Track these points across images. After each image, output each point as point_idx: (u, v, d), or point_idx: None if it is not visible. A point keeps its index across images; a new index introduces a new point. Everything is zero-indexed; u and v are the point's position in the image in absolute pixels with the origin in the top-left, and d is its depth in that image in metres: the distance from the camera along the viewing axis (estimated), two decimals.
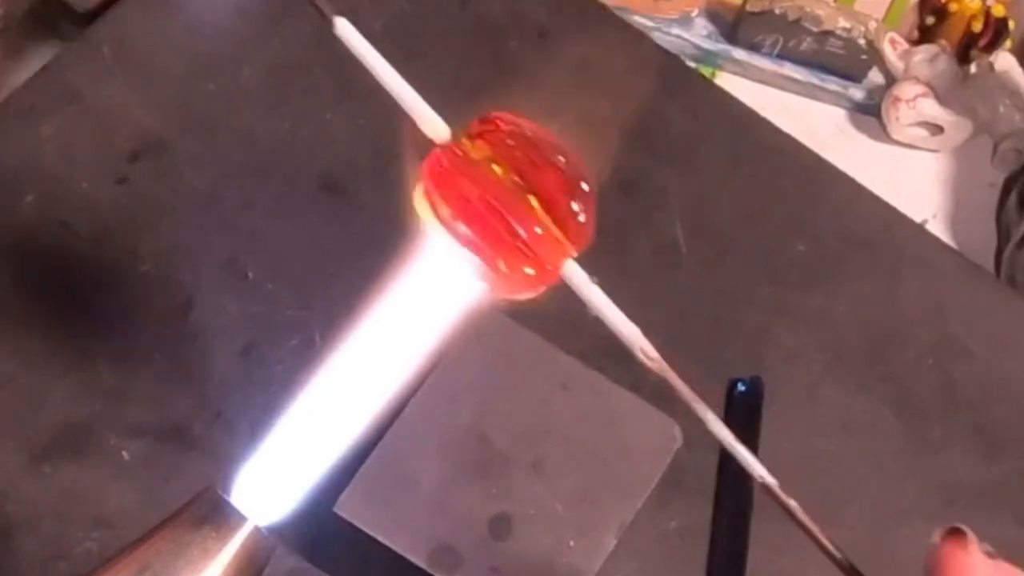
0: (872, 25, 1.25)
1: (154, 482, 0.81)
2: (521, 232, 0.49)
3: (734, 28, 1.26)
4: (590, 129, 0.57)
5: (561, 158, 0.50)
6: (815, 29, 1.24)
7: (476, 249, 0.50)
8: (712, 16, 1.29)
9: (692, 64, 1.17)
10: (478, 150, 0.50)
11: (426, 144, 0.50)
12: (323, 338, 0.86)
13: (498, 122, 0.50)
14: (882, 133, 1.23)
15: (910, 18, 1.32)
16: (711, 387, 0.90)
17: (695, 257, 0.96)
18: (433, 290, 0.53)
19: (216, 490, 0.52)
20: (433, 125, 0.50)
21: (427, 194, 0.50)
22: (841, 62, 1.25)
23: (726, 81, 1.22)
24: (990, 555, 0.54)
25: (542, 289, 0.51)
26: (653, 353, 0.50)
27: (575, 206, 0.50)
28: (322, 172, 0.94)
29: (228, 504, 0.52)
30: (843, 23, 1.24)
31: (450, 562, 0.75)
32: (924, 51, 1.27)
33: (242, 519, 0.52)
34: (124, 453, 0.82)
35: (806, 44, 1.25)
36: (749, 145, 1.04)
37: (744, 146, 1.03)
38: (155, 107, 0.94)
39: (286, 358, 0.86)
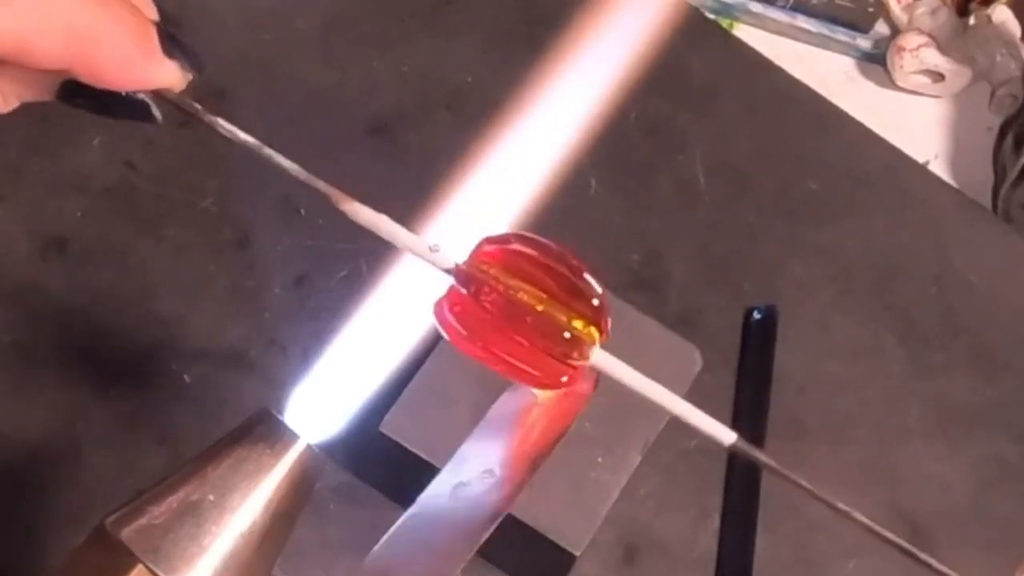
0: None
1: (213, 404, 0.81)
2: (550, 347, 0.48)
3: None
4: (617, 75, 0.56)
5: (557, 255, 0.49)
6: None
7: (507, 371, 0.49)
8: None
9: (711, 16, 1.15)
10: (484, 272, 0.49)
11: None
12: (369, 269, 0.85)
13: (488, 246, 0.49)
14: (887, 80, 1.22)
15: None
16: (730, 314, 0.90)
17: (714, 195, 0.96)
18: (470, 224, 0.52)
19: (270, 411, 0.52)
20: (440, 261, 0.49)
21: (448, 326, 0.49)
22: (849, 14, 1.24)
23: (743, 32, 1.21)
24: None
25: (576, 382, 0.50)
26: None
27: (591, 293, 0.49)
28: (369, 116, 0.94)
29: (282, 424, 0.52)
30: None
31: None
32: (926, 4, 1.26)
33: (295, 437, 0.51)
34: (185, 377, 0.82)
35: None
36: (764, 91, 1.03)
37: (759, 92, 1.03)
38: (215, 56, 0.93)
39: (335, 288, 0.86)
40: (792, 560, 0.84)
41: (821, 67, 1.20)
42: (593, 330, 0.49)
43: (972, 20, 1.26)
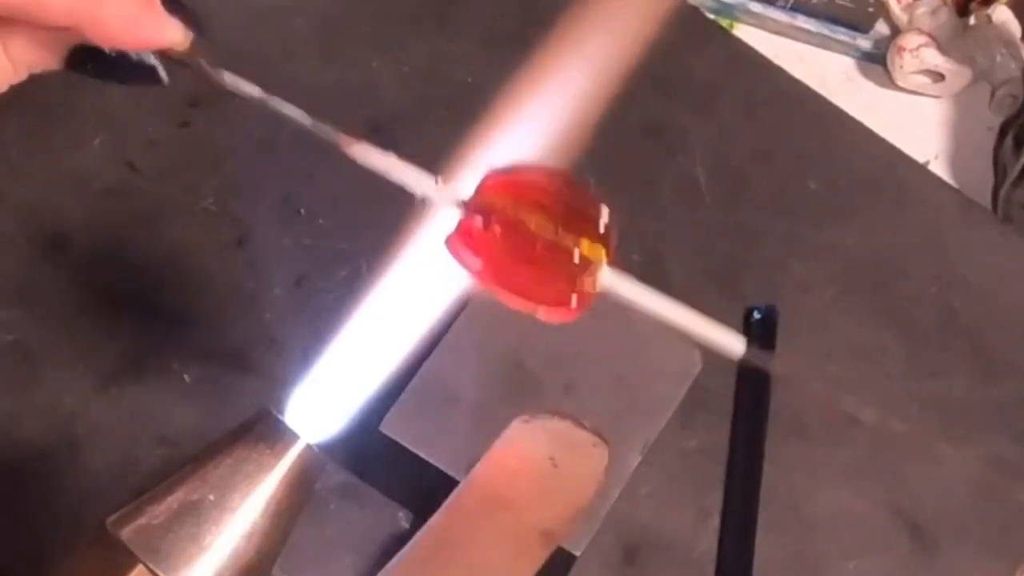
0: None
1: (213, 403, 0.81)
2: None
3: None
4: (618, 74, 0.56)
5: (561, 181, 0.50)
6: None
7: (519, 297, 0.50)
8: None
9: (711, 16, 1.15)
10: (492, 203, 0.49)
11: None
12: (369, 269, 0.85)
13: (494, 177, 0.50)
14: (888, 80, 1.21)
15: None
16: (730, 314, 0.90)
17: (714, 195, 0.96)
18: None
19: (271, 410, 0.52)
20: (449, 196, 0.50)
21: (462, 258, 0.50)
22: (849, 14, 1.24)
23: (743, 32, 1.20)
24: None
25: (587, 307, 0.50)
26: None
27: (598, 217, 0.50)
28: (368, 116, 0.93)
29: (282, 423, 0.52)
30: None
31: None
32: (926, 4, 1.25)
33: (295, 437, 0.51)
34: (186, 376, 0.82)
35: None
36: (764, 91, 1.03)
37: (760, 92, 1.03)
38: (213, 56, 0.94)
39: (335, 288, 0.86)
40: (792, 560, 0.83)
41: (821, 67, 1.20)
42: (600, 252, 0.50)
43: (972, 20, 1.26)
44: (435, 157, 0.54)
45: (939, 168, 1.14)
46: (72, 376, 0.81)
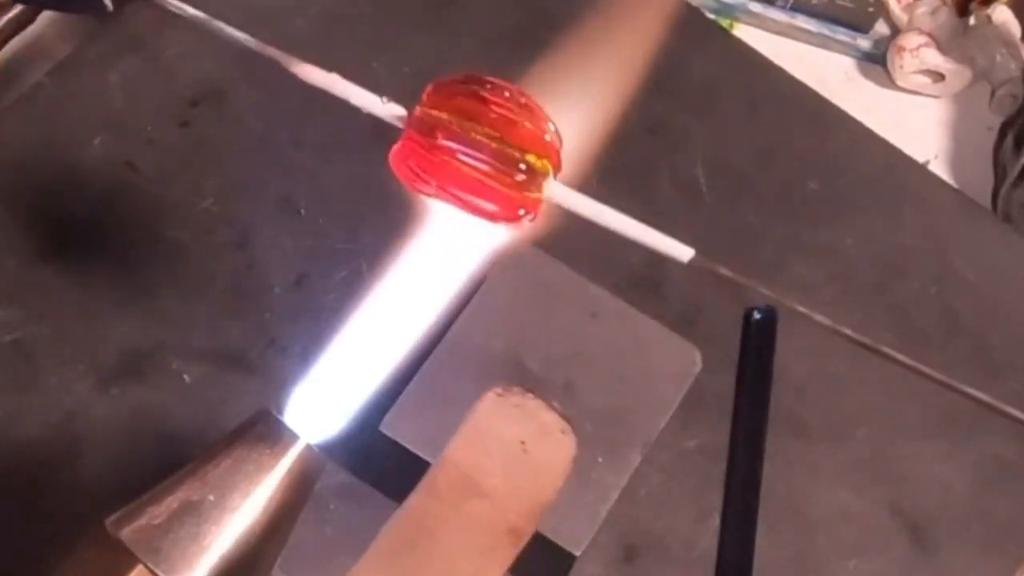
0: None
1: (213, 403, 0.81)
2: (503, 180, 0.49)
3: None
4: (618, 74, 0.56)
5: (506, 94, 0.50)
6: None
7: (467, 209, 0.50)
8: None
9: (711, 16, 1.15)
10: (436, 116, 0.50)
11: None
12: (370, 269, 0.85)
13: (438, 86, 0.50)
14: (887, 80, 1.21)
15: None
16: (730, 314, 0.90)
17: (714, 195, 0.96)
18: (469, 227, 0.52)
19: (270, 411, 0.52)
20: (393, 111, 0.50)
21: (405, 172, 0.50)
22: (849, 14, 1.24)
23: (743, 32, 1.21)
24: None
25: (535, 214, 0.51)
26: None
27: (543, 129, 0.50)
28: (369, 117, 0.93)
29: (282, 424, 0.52)
30: None
31: None
32: (926, 4, 1.25)
33: (295, 437, 0.52)
34: (185, 376, 0.82)
35: None
36: (764, 91, 1.03)
37: (760, 92, 1.03)
38: (214, 56, 0.94)
39: (335, 288, 0.86)
40: (792, 560, 0.84)
41: (821, 67, 1.20)
42: (546, 163, 0.50)
43: (972, 20, 1.26)
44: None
45: (939, 168, 1.14)
46: (72, 376, 0.81)
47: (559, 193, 0.50)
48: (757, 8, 1.23)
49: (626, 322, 0.80)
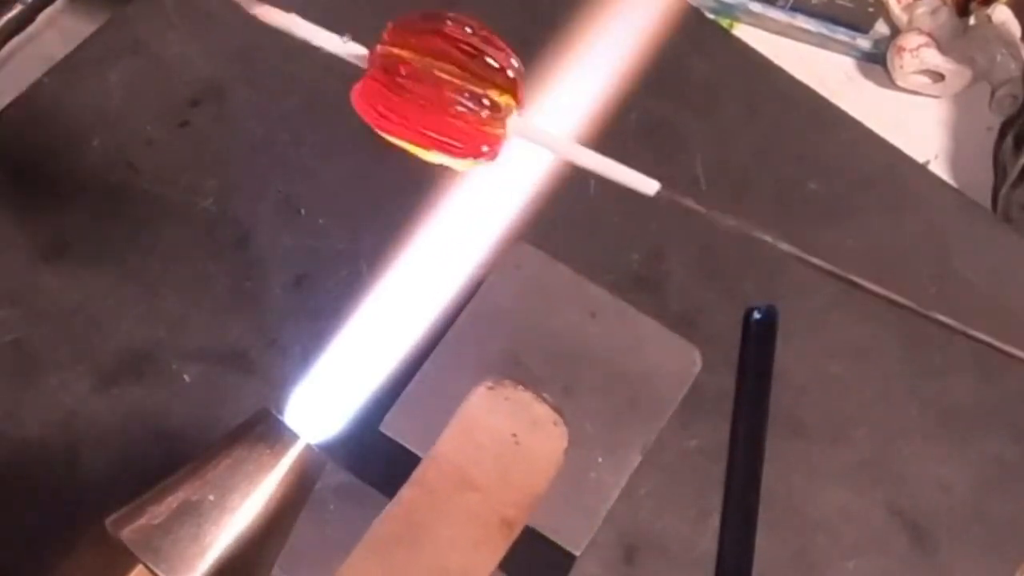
0: None
1: (213, 403, 0.81)
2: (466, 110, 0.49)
3: None
4: (618, 74, 0.56)
5: (467, 29, 0.50)
6: None
7: (429, 145, 0.49)
8: None
9: (711, 16, 1.15)
10: (396, 54, 0.49)
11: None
12: (370, 269, 0.85)
13: (400, 27, 0.50)
14: (887, 80, 1.21)
15: None
16: (730, 314, 0.90)
17: (714, 195, 0.95)
18: (470, 225, 0.52)
19: (270, 410, 0.52)
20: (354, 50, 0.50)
21: (368, 111, 0.50)
22: (849, 14, 1.24)
23: (743, 32, 1.21)
24: None
25: (497, 152, 0.50)
26: None
27: (505, 64, 0.50)
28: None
29: (281, 423, 0.52)
30: None
31: None
32: (926, 4, 1.25)
33: (294, 437, 0.52)
34: (185, 376, 0.82)
35: None
36: (764, 91, 1.03)
37: (760, 92, 1.03)
38: (214, 56, 0.94)
39: (335, 288, 0.86)
40: (792, 560, 0.83)
41: (821, 67, 1.20)
42: (509, 99, 0.50)
43: (972, 20, 1.26)
44: (429, 166, 0.54)
45: (939, 168, 1.14)
46: (72, 376, 0.81)
47: (522, 127, 0.50)
48: (757, 8, 1.23)
49: (626, 322, 0.80)
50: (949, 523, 0.86)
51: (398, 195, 0.59)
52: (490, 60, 0.49)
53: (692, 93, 1.01)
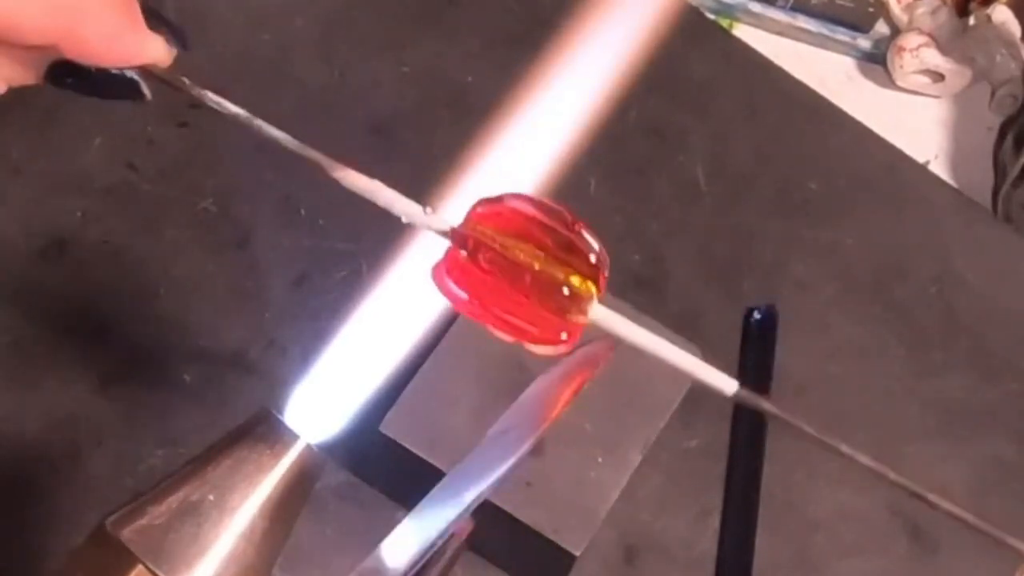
0: None
1: (213, 404, 0.81)
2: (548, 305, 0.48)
3: None
4: (618, 74, 0.56)
5: (553, 213, 0.49)
6: None
7: (507, 330, 0.48)
8: None
9: (711, 16, 1.16)
10: (481, 233, 0.48)
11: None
12: (369, 269, 0.85)
13: (484, 206, 0.49)
14: (888, 80, 1.22)
15: None
16: (730, 314, 0.90)
17: (714, 195, 0.96)
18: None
19: (271, 411, 0.52)
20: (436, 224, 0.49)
21: (446, 287, 0.49)
22: (850, 14, 1.24)
23: (743, 32, 1.21)
24: None
25: (576, 341, 0.49)
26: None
27: (587, 249, 0.49)
28: (369, 116, 0.94)
29: (282, 424, 0.52)
30: None
31: None
32: (926, 4, 1.26)
33: (295, 437, 0.52)
34: (185, 377, 0.82)
35: None
36: (764, 91, 1.03)
37: (760, 92, 1.03)
38: (214, 56, 0.94)
39: (335, 288, 0.86)
40: (792, 560, 0.84)
41: (821, 67, 1.20)
42: (591, 286, 0.49)
43: (972, 20, 1.26)
44: (431, 166, 0.54)
45: (939, 168, 1.15)
46: (72, 376, 0.81)
47: (603, 316, 0.49)
48: (757, 8, 1.23)
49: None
50: (949, 523, 0.86)
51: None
52: (574, 245, 0.48)
53: (692, 93, 1.01)
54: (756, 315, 0.90)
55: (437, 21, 1.00)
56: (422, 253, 0.51)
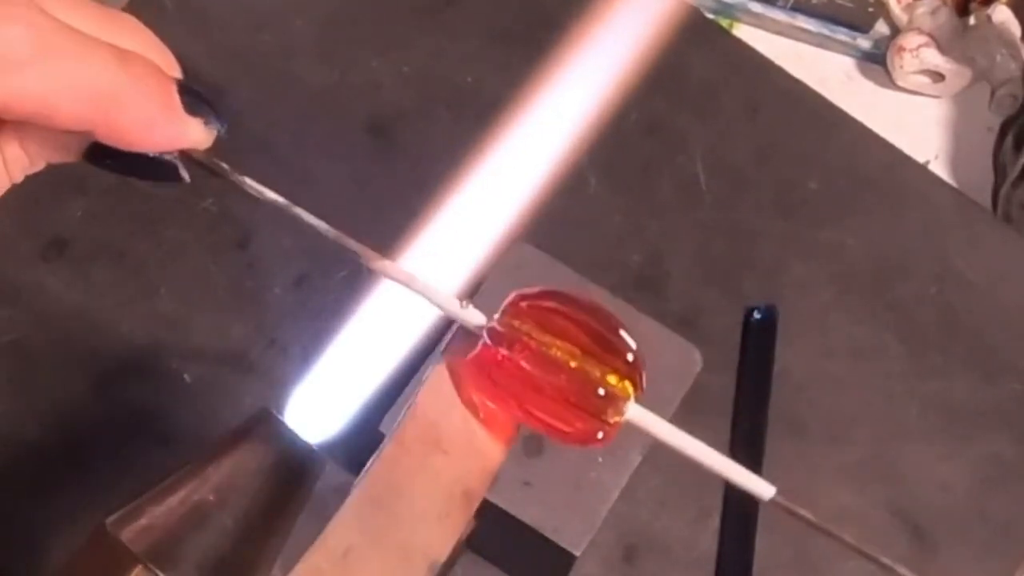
0: None
1: (213, 403, 0.81)
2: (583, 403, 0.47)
3: None
4: (618, 74, 0.56)
5: (590, 311, 0.48)
6: None
7: (541, 428, 0.48)
8: None
9: (711, 16, 1.15)
10: (515, 328, 0.48)
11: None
12: (369, 269, 0.85)
13: (520, 302, 0.48)
14: (888, 80, 1.22)
15: None
16: (730, 314, 0.90)
17: (714, 195, 0.96)
18: (469, 225, 0.52)
19: (271, 410, 0.52)
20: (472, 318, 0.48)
21: (479, 383, 0.49)
22: (849, 14, 1.24)
23: (743, 32, 1.21)
24: None
25: (612, 440, 0.49)
26: None
27: (625, 348, 0.48)
28: (368, 116, 0.93)
29: (282, 423, 0.52)
30: None
31: None
32: (926, 3, 1.26)
33: (295, 437, 0.51)
34: (186, 376, 0.82)
35: None
36: (764, 91, 1.03)
37: (760, 92, 1.03)
38: (214, 56, 0.94)
39: (335, 288, 0.86)
40: (792, 560, 0.83)
41: (821, 67, 1.20)
42: (628, 385, 0.48)
43: (972, 20, 1.26)
44: (431, 166, 0.53)
45: (939, 168, 1.15)
46: (72, 376, 0.81)
47: (639, 416, 0.48)
48: (757, 8, 1.23)
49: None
50: (949, 523, 0.86)
51: (397, 196, 0.59)
52: (611, 343, 0.48)
53: (692, 93, 1.01)
54: (756, 315, 0.90)
55: (437, 21, 1.00)
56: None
